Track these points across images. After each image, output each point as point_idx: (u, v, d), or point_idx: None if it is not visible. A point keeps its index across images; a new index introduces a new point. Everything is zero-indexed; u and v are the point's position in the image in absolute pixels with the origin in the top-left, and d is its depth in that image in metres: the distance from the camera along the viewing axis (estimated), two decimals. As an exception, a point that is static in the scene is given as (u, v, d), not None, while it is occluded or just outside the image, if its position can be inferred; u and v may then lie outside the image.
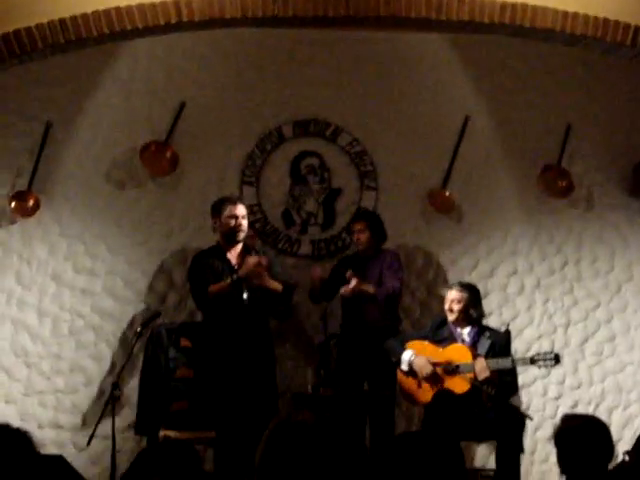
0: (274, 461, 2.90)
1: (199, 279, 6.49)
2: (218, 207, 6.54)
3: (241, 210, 6.52)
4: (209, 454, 6.66)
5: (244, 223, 6.52)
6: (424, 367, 6.42)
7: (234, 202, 6.55)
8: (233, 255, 6.55)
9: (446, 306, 6.61)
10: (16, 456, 3.08)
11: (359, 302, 6.83)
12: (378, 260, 6.98)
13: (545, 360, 6.36)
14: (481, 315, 6.63)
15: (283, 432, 2.93)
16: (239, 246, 6.58)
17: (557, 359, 6.36)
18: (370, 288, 6.82)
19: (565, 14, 5.98)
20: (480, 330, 6.57)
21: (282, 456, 2.91)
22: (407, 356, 6.49)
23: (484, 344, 6.47)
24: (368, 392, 6.67)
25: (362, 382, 6.83)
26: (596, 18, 6.00)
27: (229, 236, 6.50)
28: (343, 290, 6.78)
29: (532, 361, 6.38)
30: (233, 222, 6.47)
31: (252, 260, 6.38)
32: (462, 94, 7.48)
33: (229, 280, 6.36)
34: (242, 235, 6.53)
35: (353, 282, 6.74)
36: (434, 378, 6.42)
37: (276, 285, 6.53)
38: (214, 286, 6.41)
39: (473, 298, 6.59)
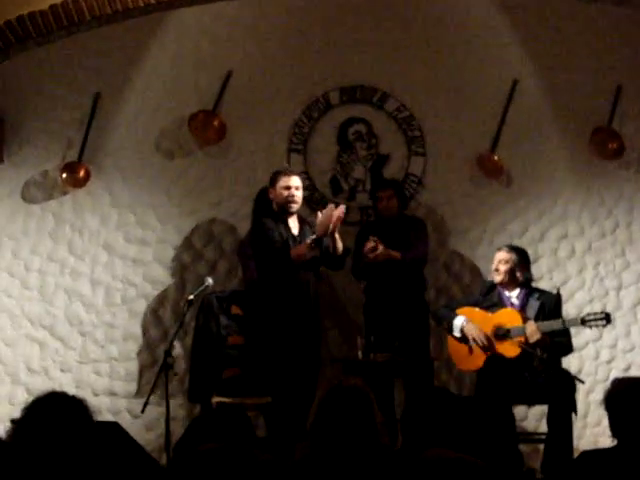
0: (326, 424, 2.94)
1: (272, 242, 6.40)
2: (273, 178, 6.55)
3: (295, 181, 6.51)
4: (261, 420, 6.73)
5: (297, 194, 6.51)
6: (477, 334, 6.41)
7: (288, 173, 6.53)
8: (293, 224, 6.56)
9: (493, 267, 6.57)
10: (73, 423, 3.14)
11: (384, 268, 6.83)
12: (403, 226, 6.97)
13: (596, 320, 6.29)
14: (529, 278, 6.57)
15: (335, 396, 2.96)
16: (295, 215, 6.58)
17: (608, 319, 6.30)
18: (395, 253, 6.81)
19: (614, -27, 5.90)
20: (529, 292, 6.53)
21: (334, 419, 2.94)
22: (459, 322, 6.48)
23: (533, 305, 6.44)
24: (403, 358, 6.64)
25: (393, 346, 6.78)
26: (646, -23, 5.91)
27: (283, 206, 6.50)
28: (370, 255, 6.75)
29: (583, 321, 6.32)
30: (286, 193, 6.46)
31: (327, 213, 6.32)
32: (510, 57, 7.40)
33: (309, 242, 6.34)
34: (295, 207, 6.52)
35: (380, 248, 6.73)
36: (489, 343, 6.40)
37: (340, 243, 6.51)
38: (297, 248, 6.38)
39: (521, 260, 6.53)
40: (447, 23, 7.40)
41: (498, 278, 6.54)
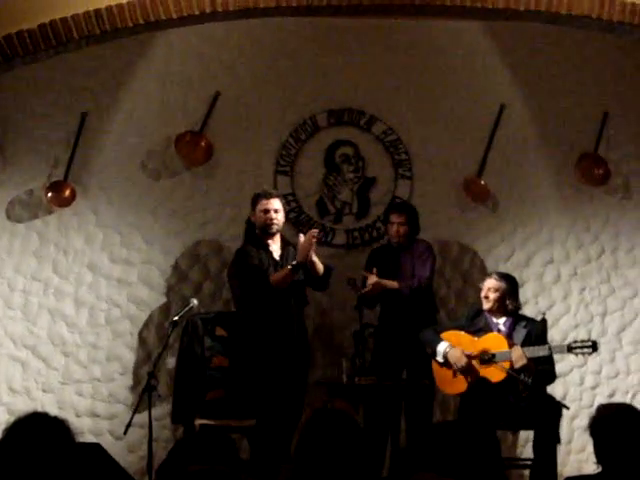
0: (311, 448, 2.92)
1: (253, 270, 6.43)
2: (253, 201, 6.59)
3: (274, 204, 6.52)
4: (244, 443, 6.69)
5: (277, 217, 6.52)
6: (459, 359, 6.39)
7: (267, 196, 6.54)
8: (275, 247, 6.56)
9: (482, 294, 6.57)
10: (55, 444, 3.11)
11: (388, 296, 6.82)
12: (411, 251, 6.96)
13: (582, 348, 6.31)
14: (517, 307, 6.57)
15: (320, 420, 2.94)
16: (277, 237, 6.58)
17: (595, 347, 6.31)
18: (393, 284, 6.79)
19: (602, 1, 5.94)
20: (516, 320, 6.53)
21: (318, 443, 2.92)
22: (442, 348, 6.46)
23: (520, 333, 6.44)
24: (407, 381, 6.65)
25: (400, 372, 6.81)
26: (633, 4, 5.96)
27: (263, 229, 6.52)
28: (364, 290, 6.74)
29: (569, 349, 6.33)
30: (265, 216, 6.49)
31: (307, 238, 6.34)
32: (497, 82, 7.44)
33: (290, 267, 6.34)
34: (275, 228, 6.53)
35: (371, 279, 6.72)
36: (469, 369, 6.39)
37: (319, 265, 6.51)
38: (276, 275, 6.39)
39: (510, 288, 6.54)
40: (435, 48, 7.43)
41: (487, 305, 6.53)
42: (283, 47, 7.36)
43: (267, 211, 6.50)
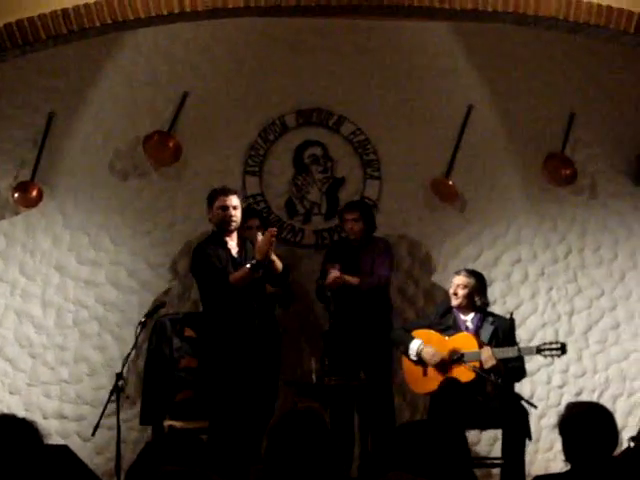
0: (281, 448, 2.91)
1: (211, 269, 6.32)
2: (210, 197, 6.47)
3: (232, 201, 6.39)
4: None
5: (235, 214, 6.39)
6: (433, 356, 6.42)
7: (225, 193, 6.42)
8: (232, 244, 6.47)
9: (451, 290, 6.63)
10: (22, 446, 3.08)
11: (346, 292, 6.82)
12: (370, 249, 6.99)
13: (551, 350, 6.36)
14: (485, 303, 6.63)
15: (289, 420, 2.94)
16: (235, 234, 6.49)
17: (563, 349, 6.36)
18: (353, 279, 6.82)
19: (569, 2, 5.97)
20: (484, 316, 6.58)
21: (288, 443, 2.91)
22: (415, 345, 6.50)
23: (487, 329, 6.49)
24: (364, 381, 6.64)
25: (357, 372, 6.80)
26: (599, 6, 5.98)
27: (221, 226, 6.41)
28: (326, 281, 6.76)
29: (538, 350, 6.39)
30: (225, 212, 6.37)
31: (266, 237, 6.23)
32: (465, 83, 7.47)
33: (249, 266, 6.24)
34: (234, 225, 6.41)
35: (334, 273, 6.73)
36: (441, 367, 6.42)
37: (278, 262, 6.43)
38: (236, 274, 6.28)
39: (479, 285, 6.60)
40: (404, 48, 7.45)
41: (456, 302, 6.58)
42: (252, 47, 7.36)
43: (226, 208, 6.37)
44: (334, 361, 6.61)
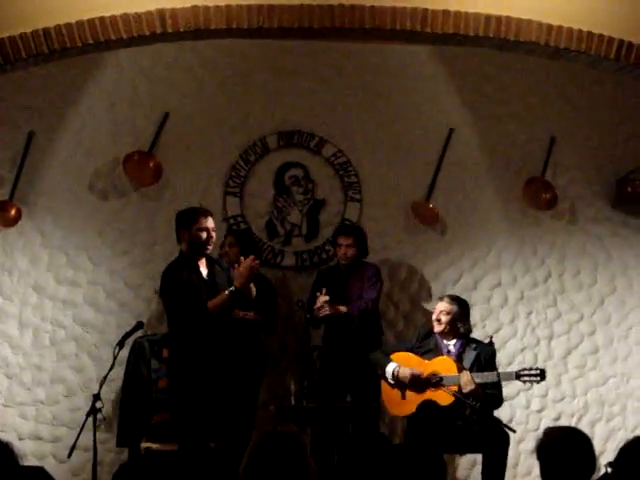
0: (259, 470, 2.89)
1: (187, 295, 5.98)
2: (188, 218, 6.10)
3: (212, 222, 6.11)
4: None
5: (214, 236, 6.11)
6: (410, 374, 6.40)
7: (205, 214, 6.11)
8: (202, 267, 6.13)
9: (434, 316, 6.61)
10: (-3, 468, 3.05)
11: (337, 318, 6.83)
12: (359, 274, 6.99)
13: (530, 376, 6.35)
14: (468, 330, 6.62)
15: (268, 442, 2.92)
16: (203, 257, 6.15)
17: (543, 375, 6.34)
18: (342, 308, 6.83)
19: (549, 27, 6.00)
20: (466, 342, 6.56)
21: (267, 465, 2.90)
22: (391, 368, 6.48)
23: (470, 355, 6.47)
24: (352, 404, 6.63)
25: (345, 394, 6.81)
26: (580, 31, 6.02)
27: (198, 248, 6.07)
28: (315, 314, 6.77)
29: (517, 376, 6.37)
30: (205, 235, 6.03)
31: (247, 264, 5.96)
32: (446, 106, 7.49)
33: (227, 293, 5.97)
34: (210, 249, 6.13)
35: (322, 298, 6.74)
36: (418, 389, 6.40)
37: (253, 288, 6.14)
38: (214, 301, 5.96)
39: (462, 312, 6.59)
40: (384, 71, 7.47)
41: (439, 328, 6.56)
42: (233, 69, 7.36)
43: (207, 230, 6.05)
44: (320, 383, 6.59)
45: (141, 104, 7.29)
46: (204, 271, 6.11)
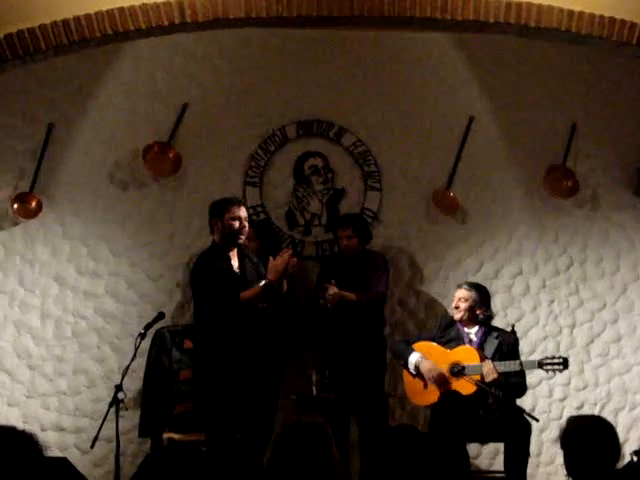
0: (283, 461, 2.89)
1: (220, 286, 5.98)
2: (220, 208, 6.14)
3: (244, 212, 6.14)
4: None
5: (246, 226, 6.14)
6: (431, 370, 6.39)
7: (238, 204, 6.15)
8: (233, 258, 6.16)
9: (453, 304, 6.61)
10: (22, 458, 3.06)
11: (342, 306, 6.81)
12: (364, 262, 6.98)
13: (553, 364, 6.33)
14: (489, 316, 6.60)
15: (293, 433, 2.92)
16: (235, 248, 6.18)
17: (565, 364, 6.32)
18: (352, 296, 6.80)
19: (570, 13, 5.96)
20: (488, 330, 6.54)
21: (291, 456, 2.89)
22: (414, 359, 6.47)
23: (492, 344, 6.46)
24: (359, 394, 6.63)
25: (352, 385, 6.77)
26: (602, 17, 5.97)
27: (230, 238, 6.11)
28: (323, 302, 6.77)
29: (540, 365, 6.35)
30: (237, 224, 6.05)
31: (284, 259, 6.00)
32: (467, 94, 7.46)
33: (262, 284, 5.98)
34: (243, 238, 6.16)
35: (332, 289, 6.73)
36: (442, 380, 6.39)
37: (285, 284, 6.17)
38: (247, 293, 5.98)
39: (480, 298, 6.57)
40: (404, 59, 7.44)
41: (458, 315, 6.55)
42: (252, 58, 7.35)
43: (239, 219, 6.07)
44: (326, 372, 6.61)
45: (160, 95, 7.29)
46: (235, 263, 6.11)
